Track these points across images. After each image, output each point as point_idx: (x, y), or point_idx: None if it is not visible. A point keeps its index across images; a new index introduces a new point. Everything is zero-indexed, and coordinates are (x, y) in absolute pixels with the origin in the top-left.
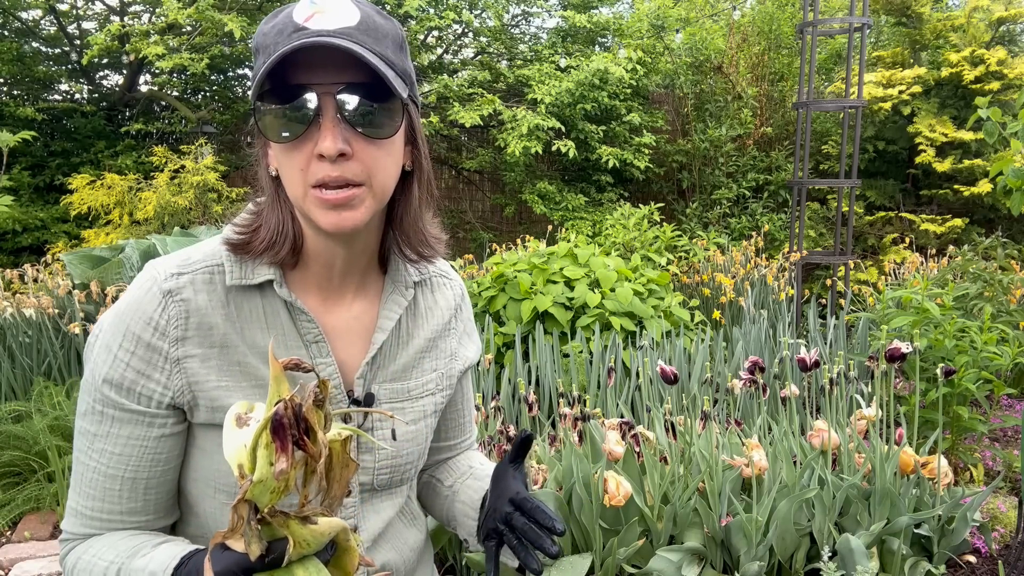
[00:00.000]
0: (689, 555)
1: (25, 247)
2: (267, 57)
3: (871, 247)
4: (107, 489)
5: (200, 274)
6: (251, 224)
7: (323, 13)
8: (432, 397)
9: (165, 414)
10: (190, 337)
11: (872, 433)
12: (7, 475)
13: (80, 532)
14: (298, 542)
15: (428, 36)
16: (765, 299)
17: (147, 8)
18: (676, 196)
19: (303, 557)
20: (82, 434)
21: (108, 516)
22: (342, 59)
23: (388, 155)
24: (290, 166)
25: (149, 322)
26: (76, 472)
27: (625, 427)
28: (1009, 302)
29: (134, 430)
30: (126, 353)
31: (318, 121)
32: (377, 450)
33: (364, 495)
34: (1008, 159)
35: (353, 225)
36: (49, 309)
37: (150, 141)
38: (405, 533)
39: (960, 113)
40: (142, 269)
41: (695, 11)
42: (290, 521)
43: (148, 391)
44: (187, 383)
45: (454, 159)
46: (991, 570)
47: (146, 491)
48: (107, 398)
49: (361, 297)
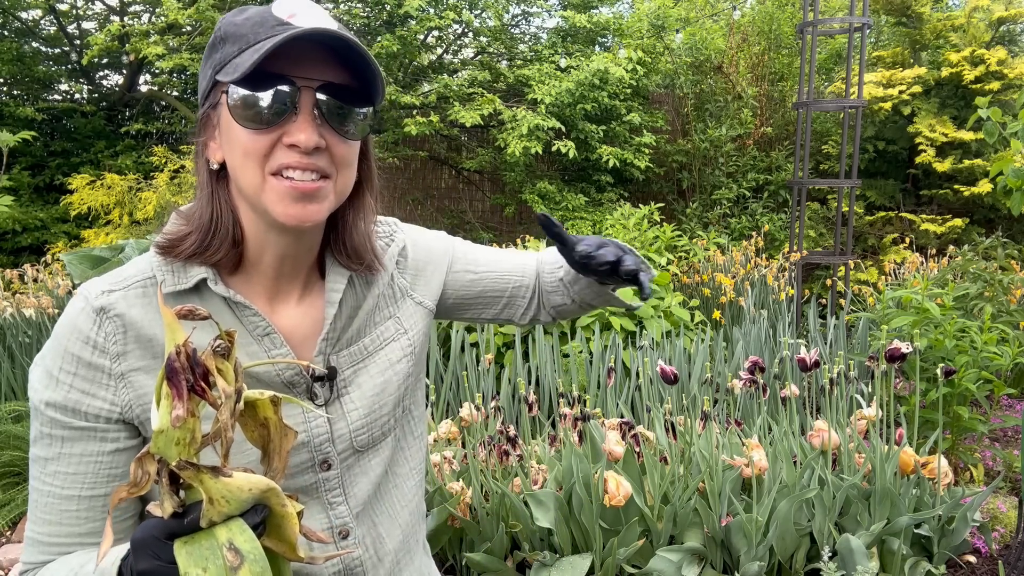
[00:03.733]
0: (689, 555)
1: (25, 247)
2: (245, 44)
3: (871, 247)
4: (64, 512)
5: (133, 289)
6: (182, 226)
7: (303, 15)
8: (396, 343)
9: (116, 428)
10: (130, 351)
11: (872, 433)
12: (7, 475)
13: (39, 560)
14: (215, 499)
15: (428, 36)
16: (765, 299)
17: (147, 8)
18: (676, 196)
19: (228, 519)
20: (35, 461)
21: (67, 540)
22: (324, 58)
23: (354, 155)
24: (250, 152)
25: (87, 341)
26: (32, 501)
27: (625, 427)
28: (1009, 302)
29: (87, 447)
30: (67, 375)
31: (294, 113)
32: (348, 413)
33: (347, 462)
34: (1008, 159)
35: (316, 219)
36: (49, 309)
37: (150, 141)
38: (397, 492)
39: (960, 113)
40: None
41: (695, 11)
42: (201, 474)
43: (95, 409)
44: (135, 396)
45: (454, 159)
46: (991, 570)
47: (103, 509)
48: (55, 420)
49: (307, 296)
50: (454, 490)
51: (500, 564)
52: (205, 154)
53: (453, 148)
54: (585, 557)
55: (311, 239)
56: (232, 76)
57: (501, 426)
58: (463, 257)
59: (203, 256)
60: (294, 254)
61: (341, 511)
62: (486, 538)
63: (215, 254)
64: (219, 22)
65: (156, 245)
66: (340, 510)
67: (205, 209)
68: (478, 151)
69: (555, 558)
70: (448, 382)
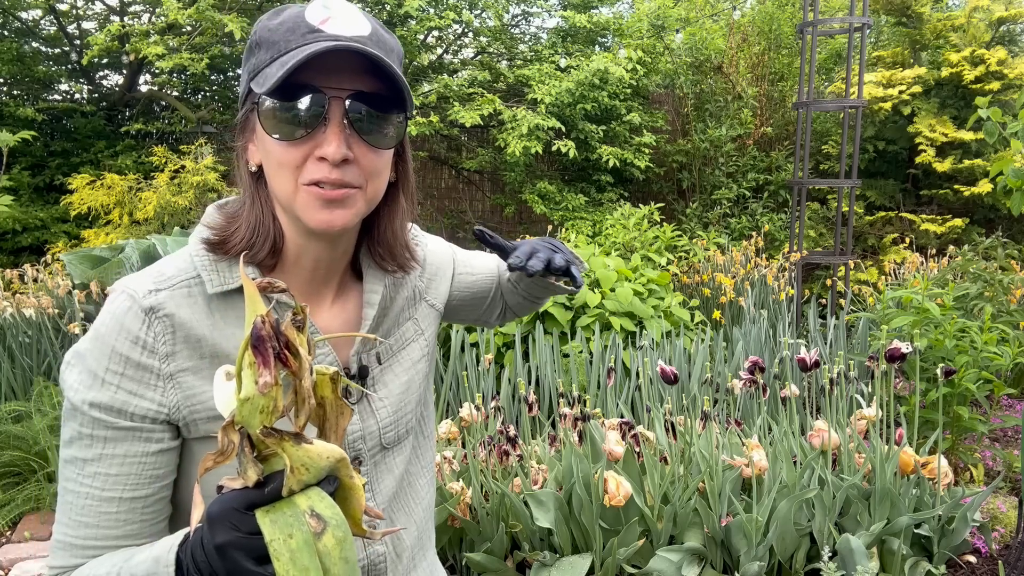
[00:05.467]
0: (689, 555)
1: (25, 247)
2: (277, 53)
3: (871, 247)
4: (103, 514)
5: (178, 289)
6: (228, 223)
7: (337, 19)
8: (415, 343)
9: (161, 429)
10: (179, 351)
11: (872, 433)
12: (7, 475)
13: (70, 564)
14: (296, 467)
15: (428, 36)
16: (765, 299)
17: (147, 8)
18: (676, 196)
19: (306, 487)
20: (70, 463)
21: (102, 543)
22: (355, 66)
23: (384, 164)
24: (284, 163)
25: (136, 341)
26: (64, 503)
27: (625, 427)
28: (1009, 302)
29: (131, 447)
30: (114, 375)
31: (324, 124)
32: (378, 410)
33: (375, 459)
34: (1008, 159)
35: (343, 224)
36: (49, 309)
37: (150, 141)
38: (416, 487)
39: (960, 113)
40: (115, 288)
41: (695, 11)
42: (284, 442)
43: (142, 410)
44: (183, 397)
45: (454, 159)
46: (991, 570)
47: (143, 510)
48: (98, 420)
49: (340, 299)
50: (454, 490)
51: (500, 564)
52: (245, 156)
53: (453, 148)
54: (585, 557)
55: (345, 243)
56: (261, 88)
57: (501, 426)
58: (463, 261)
59: (249, 253)
60: (329, 258)
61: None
62: (486, 538)
63: (259, 253)
64: (256, 24)
65: (204, 241)
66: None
67: (249, 208)
68: (478, 151)
69: (555, 558)
70: (448, 382)
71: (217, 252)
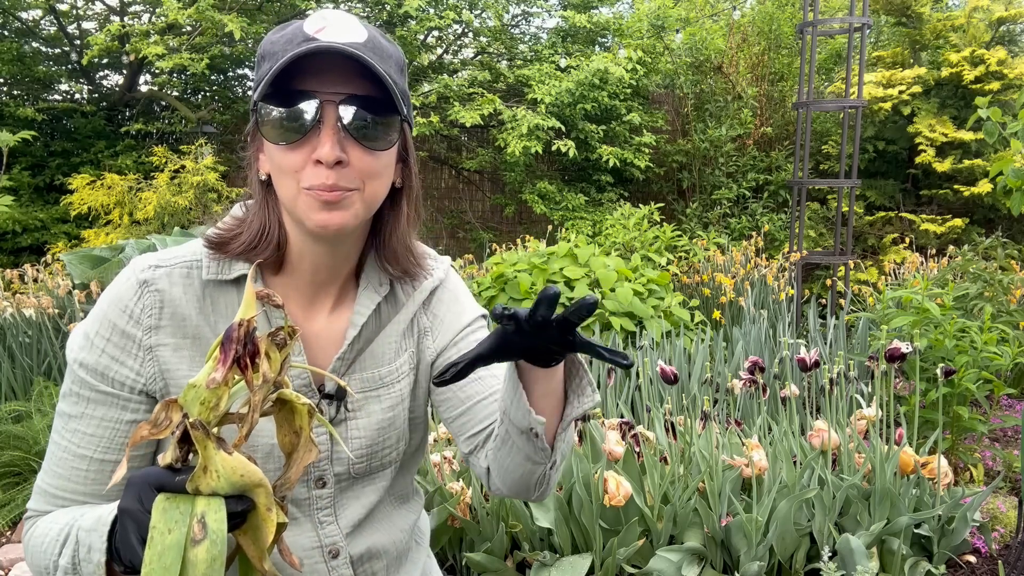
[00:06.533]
0: (689, 555)
1: (25, 247)
2: (274, 62)
3: (871, 247)
4: (74, 469)
5: (178, 268)
6: (234, 227)
7: (332, 28)
8: (407, 378)
9: (138, 399)
10: (163, 326)
11: (872, 433)
12: (7, 475)
13: (43, 509)
14: (208, 469)
15: (428, 36)
16: (765, 299)
17: (147, 8)
18: (676, 196)
19: (213, 493)
20: (60, 415)
21: (71, 496)
22: (348, 70)
23: (382, 167)
24: (285, 168)
25: (124, 310)
26: (49, 452)
27: (625, 427)
28: (1009, 302)
29: (107, 412)
30: (101, 339)
31: (318, 127)
32: (351, 439)
33: (341, 484)
34: (1008, 159)
35: (340, 224)
36: (49, 309)
37: (150, 141)
38: (394, 515)
39: (960, 113)
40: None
41: (695, 11)
42: (208, 440)
43: (121, 376)
44: (159, 370)
45: (454, 159)
46: (991, 570)
47: (110, 474)
48: (83, 380)
49: (339, 307)
50: (454, 490)
51: (500, 564)
52: (256, 165)
53: (453, 148)
54: (585, 557)
55: (346, 249)
56: (257, 95)
57: None
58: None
59: (248, 255)
60: (329, 263)
61: (331, 531)
62: (486, 538)
63: (260, 254)
64: (263, 39)
65: (206, 239)
66: (330, 529)
67: (257, 216)
68: (478, 151)
69: (555, 558)
70: None
71: (215, 251)
